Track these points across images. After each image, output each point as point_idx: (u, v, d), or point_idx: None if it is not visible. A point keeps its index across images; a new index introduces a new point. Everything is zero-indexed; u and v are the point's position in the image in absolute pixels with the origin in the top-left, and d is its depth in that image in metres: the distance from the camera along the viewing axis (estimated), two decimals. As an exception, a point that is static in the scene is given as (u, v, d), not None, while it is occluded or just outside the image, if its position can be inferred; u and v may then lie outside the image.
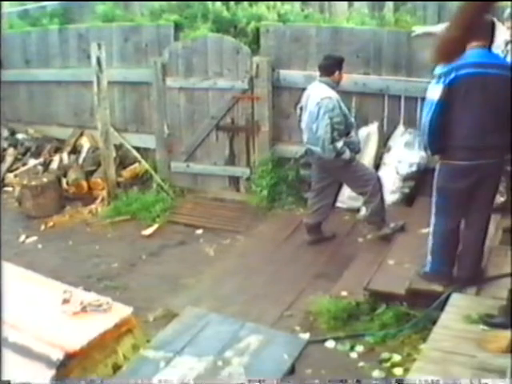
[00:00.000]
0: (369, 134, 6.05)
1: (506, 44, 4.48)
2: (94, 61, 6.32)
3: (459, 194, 4.07)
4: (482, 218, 4.18)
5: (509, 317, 3.47)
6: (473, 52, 3.74)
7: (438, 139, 4.01)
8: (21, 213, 6.73)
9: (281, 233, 5.87)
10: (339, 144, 5.07)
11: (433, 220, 4.24)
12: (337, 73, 5.16)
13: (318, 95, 5.11)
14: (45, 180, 6.79)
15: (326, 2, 7.30)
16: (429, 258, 4.28)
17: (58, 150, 7.56)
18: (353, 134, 5.28)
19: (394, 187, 5.90)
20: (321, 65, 5.25)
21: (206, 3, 7.03)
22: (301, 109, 5.41)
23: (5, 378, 2.92)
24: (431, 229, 4.26)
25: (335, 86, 5.19)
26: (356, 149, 5.28)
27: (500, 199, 4.58)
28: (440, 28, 4.47)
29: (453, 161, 4.01)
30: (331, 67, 5.18)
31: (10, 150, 7.65)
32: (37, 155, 7.53)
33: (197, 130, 6.75)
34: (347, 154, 5.12)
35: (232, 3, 6.99)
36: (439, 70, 3.90)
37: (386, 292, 4.41)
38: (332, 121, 5.02)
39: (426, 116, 3.99)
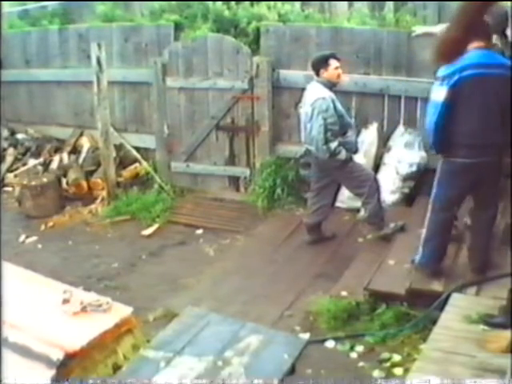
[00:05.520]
0: (368, 134, 6.06)
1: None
2: (94, 61, 6.32)
3: (458, 189, 4.21)
4: (486, 216, 4.26)
5: (509, 317, 3.47)
6: (474, 53, 3.82)
7: (443, 139, 4.10)
8: (21, 213, 6.72)
9: (281, 233, 5.86)
10: (333, 144, 5.05)
11: (428, 213, 4.34)
12: (322, 71, 5.12)
13: (313, 96, 5.11)
14: (45, 180, 6.78)
15: (327, 2, 7.28)
16: (420, 249, 4.40)
17: (58, 149, 7.55)
18: (350, 133, 5.25)
19: (394, 187, 5.90)
20: (311, 65, 5.27)
21: (207, 3, 7.03)
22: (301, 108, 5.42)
23: (5, 378, 2.92)
24: (426, 221, 4.36)
25: (332, 85, 5.15)
26: (353, 149, 5.26)
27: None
28: (440, 28, 4.48)
29: (455, 158, 4.11)
30: (315, 67, 5.17)
31: (10, 150, 7.65)
32: (37, 155, 7.53)
33: (197, 130, 6.75)
34: (343, 155, 5.11)
35: (233, 3, 6.99)
36: (442, 71, 3.98)
37: (386, 292, 4.42)
38: (326, 121, 5.01)
39: (431, 117, 4.07)
